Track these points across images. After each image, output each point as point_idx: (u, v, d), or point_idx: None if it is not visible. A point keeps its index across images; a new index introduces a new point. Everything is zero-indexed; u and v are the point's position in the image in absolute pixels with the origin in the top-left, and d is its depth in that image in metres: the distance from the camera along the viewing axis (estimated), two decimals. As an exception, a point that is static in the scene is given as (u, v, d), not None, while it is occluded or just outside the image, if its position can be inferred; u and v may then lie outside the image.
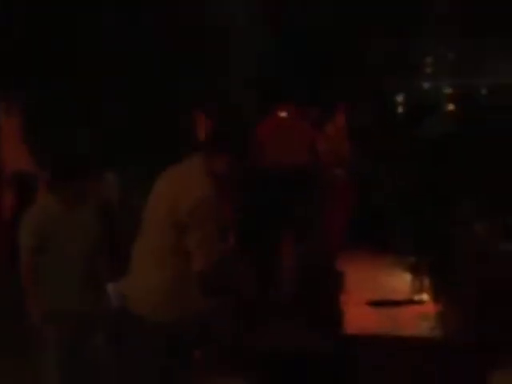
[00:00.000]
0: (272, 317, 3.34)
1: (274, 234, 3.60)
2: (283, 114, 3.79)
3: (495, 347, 3.92)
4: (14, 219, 9.23)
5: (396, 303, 6.99)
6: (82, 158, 3.51)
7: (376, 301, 6.98)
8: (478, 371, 3.15)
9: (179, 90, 9.32)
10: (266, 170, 3.57)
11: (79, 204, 3.37)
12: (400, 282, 7.88)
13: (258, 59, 10.87)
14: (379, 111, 10.12)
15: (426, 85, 13.72)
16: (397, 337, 5.47)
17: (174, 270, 2.76)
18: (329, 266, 3.64)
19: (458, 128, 10.17)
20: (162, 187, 2.92)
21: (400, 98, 12.26)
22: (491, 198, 5.56)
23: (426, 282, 6.96)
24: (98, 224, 3.42)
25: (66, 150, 3.55)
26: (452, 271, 5.11)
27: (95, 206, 3.46)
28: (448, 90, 13.47)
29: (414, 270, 7.17)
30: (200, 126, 3.79)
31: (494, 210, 5.10)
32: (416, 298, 7.12)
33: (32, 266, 3.48)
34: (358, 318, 5.83)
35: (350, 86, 9.93)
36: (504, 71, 13.52)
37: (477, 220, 5.08)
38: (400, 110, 12.07)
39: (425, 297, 6.99)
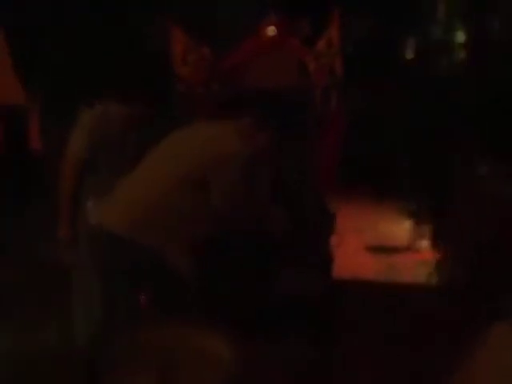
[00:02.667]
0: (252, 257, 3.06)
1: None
2: (269, 31, 3.40)
3: (496, 295, 3.69)
4: (2, 154, 8.94)
5: (394, 249, 6.81)
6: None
7: (374, 246, 6.80)
8: (476, 320, 2.91)
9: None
10: (249, 94, 3.23)
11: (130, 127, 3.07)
12: (399, 228, 7.68)
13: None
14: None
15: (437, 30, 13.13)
16: (393, 283, 5.30)
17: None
18: (319, 205, 3.33)
19: (465, 72, 9.75)
20: (184, 145, 2.61)
21: (410, 43, 11.76)
22: (494, 140, 5.25)
23: (426, 228, 6.75)
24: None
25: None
26: (454, 216, 4.84)
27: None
28: (460, 36, 12.89)
29: (415, 216, 6.94)
30: (176, 42, 3.42)
31: (498, 152, 4.78)
32: (415, 244, 6.92)
33: (78, 171, 3.03)
34: (354, 263, 5.64)
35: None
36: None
37: (480, 162, 4.77)
38: (409, 54, 11.58)
39: (424, 243, 6.79)
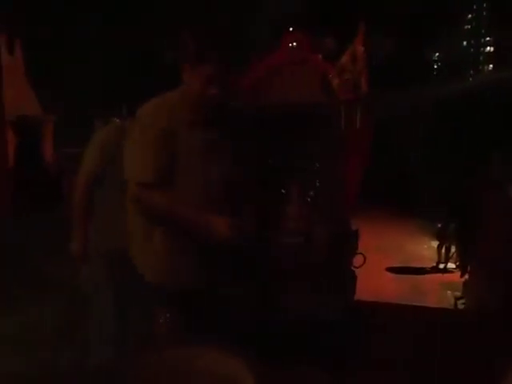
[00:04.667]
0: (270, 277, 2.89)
1: (279, 182, 3.07)
2: (292, 45, 3.21)
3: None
4: (16, 163, 8.95)
5: (419, 271, 6.60)
6: None
7: (397, 267, 6.59)
8: (507, 347, 2.68)
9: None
10: (271, 110, 3.04)
11: None
12: (425, 248, 7.47)
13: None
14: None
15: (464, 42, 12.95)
16: (418, 307, 5.08)
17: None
18: (341, 222, 3.13)
19: (493, 87, 9.50)
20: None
21: (436, 55, 11.57)
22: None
23: (453, 249, 6.54)
24: None
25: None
26: (482, 236, 4.58)
27: None
28: (487, 49, 12.68)
29: (441, 236, 6.73)
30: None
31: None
32: (441, 265, 6.72)
33: (88, 189, 2.94)
34: (376, 284, 5.44)
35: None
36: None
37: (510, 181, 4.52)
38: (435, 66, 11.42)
39: (451, 265, 6.58)
